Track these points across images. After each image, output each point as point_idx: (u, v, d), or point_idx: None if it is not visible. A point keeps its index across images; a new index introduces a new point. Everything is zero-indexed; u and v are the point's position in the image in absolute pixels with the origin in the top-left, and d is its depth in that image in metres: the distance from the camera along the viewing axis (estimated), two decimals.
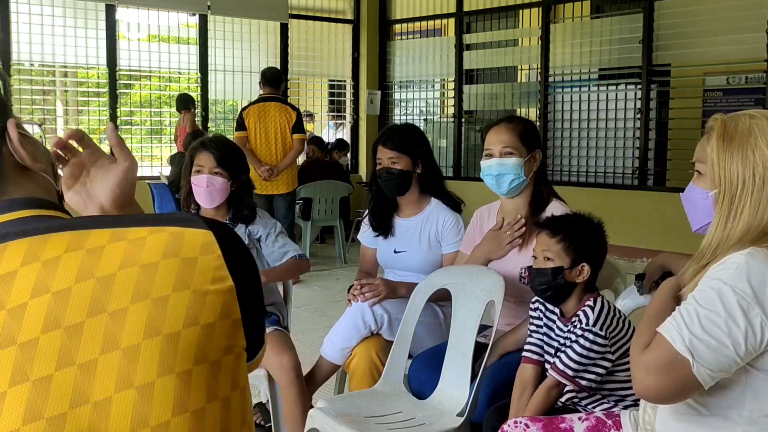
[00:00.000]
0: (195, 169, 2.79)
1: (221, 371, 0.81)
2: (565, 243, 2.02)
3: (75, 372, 0.76)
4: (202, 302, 0.81)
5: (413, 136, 2.92)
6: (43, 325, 0.77)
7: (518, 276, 2.48)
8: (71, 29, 7.71)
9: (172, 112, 8.53)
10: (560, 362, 1.96)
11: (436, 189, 2.92)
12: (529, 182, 2.52)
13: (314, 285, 6.46)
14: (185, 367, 0.78)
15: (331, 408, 2.31)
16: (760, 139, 1.45)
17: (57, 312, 0.78)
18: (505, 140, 2.49)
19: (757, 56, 6.48)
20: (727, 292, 1.36)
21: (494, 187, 2.53)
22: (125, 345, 0.77)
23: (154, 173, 8.33)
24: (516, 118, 2.68)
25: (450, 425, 2.24)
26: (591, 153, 7.68)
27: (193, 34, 8.62)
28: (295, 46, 9.22)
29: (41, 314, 0.77)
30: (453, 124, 9.05)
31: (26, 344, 0.76)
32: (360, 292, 2.69)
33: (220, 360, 0.81)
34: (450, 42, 8.99)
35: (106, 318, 0.78)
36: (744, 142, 1.46)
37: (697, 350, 1.35)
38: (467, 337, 2.39)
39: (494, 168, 2.48)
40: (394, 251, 2.94)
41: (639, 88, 7.30)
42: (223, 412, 0.81)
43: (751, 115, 1.50)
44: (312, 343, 4.56)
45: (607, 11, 7.72)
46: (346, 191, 7.59)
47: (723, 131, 1.49)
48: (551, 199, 2.55)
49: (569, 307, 2.05)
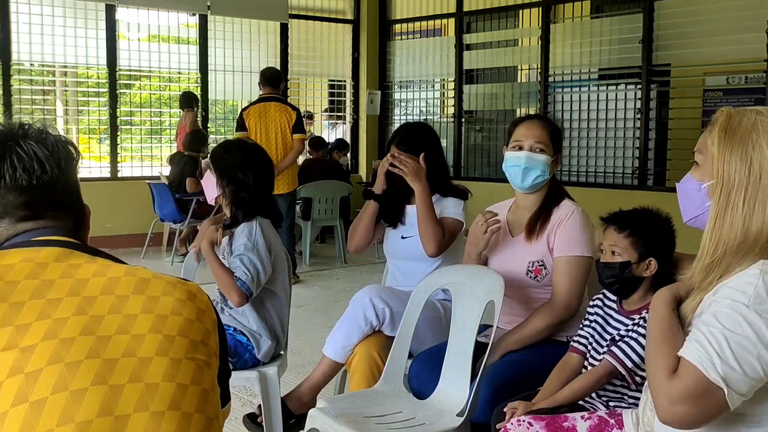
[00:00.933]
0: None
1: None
2: (632, 238, 2.03)
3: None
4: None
5: (426, 137, 3.02)
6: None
7: (525, 270, 2.50)
8: (71, 29, 7.71)
9: (172, 112, 8.53)
10: (621, 351, 1.96)
11: (441, 186, 2.99)
12: (546, 182, 2.54)
13: (314, 285, 6.46)
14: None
15: (331, 408, 2.31)
16: (762, 137, 1.42)
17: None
18: (538, 135, 2.51)
19: (757, 56, 6.47)
20: (751, 316, 1.32)
21: (517, 178, 2.52)
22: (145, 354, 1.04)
23: (154, 173, 8.33)
24: (547, 118, 2.73)
25: (450, 425, 2.24)
26: (591, 153, 7.68)
27: (193, 34, 8.61)
28: (295, 46, 9.22)
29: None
30: (453, 124, 9.04)
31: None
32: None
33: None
34: (450, 42, 8.99)
35: (129, 338, 1.04)
36: (746, 138, 1.43)
37: (731, 379, 1.30)
38: (467, 336, 2.39)
39: (523, 160, 2.49)
40: (402, 237, 2.99)
41: (639, 88, 7.30)
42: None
43: (758, 111, 1.47)
44: (312, 343, 4.56)
45: (607, 11, 7.71)
46: (346, 191, 7.59)
47: (726, 124, 1.47)
48: (564, 198, 2.56)
49: (633, 300, 2.07)
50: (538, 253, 2.49)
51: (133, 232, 7.70)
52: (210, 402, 1.05)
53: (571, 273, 2.41)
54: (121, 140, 8.16)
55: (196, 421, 1.00)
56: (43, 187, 1.16)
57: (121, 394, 0.95)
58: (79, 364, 0.96)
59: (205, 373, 1.06)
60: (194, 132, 7.68)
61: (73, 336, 0.98)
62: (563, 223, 2.46)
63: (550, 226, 2.49)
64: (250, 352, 2.72)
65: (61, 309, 1.01)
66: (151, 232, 7.55)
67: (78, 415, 0.92)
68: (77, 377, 0.94)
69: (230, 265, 2.71)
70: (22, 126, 1.18)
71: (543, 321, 2.42)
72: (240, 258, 2.68)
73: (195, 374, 1.04)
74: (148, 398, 0.97)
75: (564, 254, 2.43)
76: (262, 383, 2.67)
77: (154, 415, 0.96)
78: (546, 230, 2.48)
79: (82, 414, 0.92)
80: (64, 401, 0.93)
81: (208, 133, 8.46)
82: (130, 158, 8.46)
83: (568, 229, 2.45)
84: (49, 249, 1.11)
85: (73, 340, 0.97)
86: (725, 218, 1.43)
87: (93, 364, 0.96)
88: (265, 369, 2.71)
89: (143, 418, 0.95)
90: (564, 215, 2.48)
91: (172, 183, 7.28)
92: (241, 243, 2.71)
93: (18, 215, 1.16)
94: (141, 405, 0.96)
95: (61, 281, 1.05)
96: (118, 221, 7.60)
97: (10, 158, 1.14)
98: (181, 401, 0.99)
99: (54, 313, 1.00)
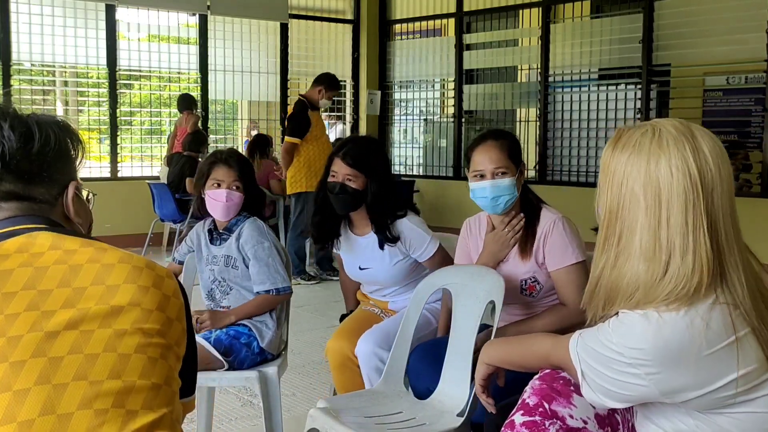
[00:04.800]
0: (212, 183, 2.82)
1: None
2: None
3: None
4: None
5: (374, 155, 2.84)
6: None
7: (519, 288, 2.48)
8: (71, 29, 7.71)
9: (172, 112, 8.53)
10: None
11: (389, 209, 2.82)
12: (517, 198, 2.51)
13: (314, 285, 6.46)
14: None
15: (331, 408, 2.31)
16: (642, 156, 1.37)
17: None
18: (495, 159, 2.43)
19: (757, 56, 6.47)
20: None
21: (489, 208, 2.48)
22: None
23: (154, 173, 8.33)
24: (500, 133, 2.58)
25: (450, 425, 2.24)
26: (591, 153, 7.68)
27: (193, 34, 8.61)
28: (295, 46, 9.22)
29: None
30: (453, 124, 9.04)
31: None
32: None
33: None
34: (450, 42, 8.99)
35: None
36: (636, 155, 1.38)
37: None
38: (467, 337, 2.39)
39: (489, 190, 2.43)
40: (359, 268, 2.95)
41: (639, 88, 7.30)
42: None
43: (651, 127, 1.40)
44: (312, 343, 4.56)
45: (607, 11, 7.71)
46: None
47: (615, 141, 1.43)
48: (541, 206, 2.54)
49: None
50: (529, 271, 2.48)
51: (133, 232, 7.70)
52: (161, 396, 1.04)
53: (574, 281, 2.40)
54: (120, 140, 8.16)
55: (142, 416, 1.00)
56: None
57: (65, 393, 0.96)
58: (24, 364, 0.96)
59: (157, 366, 1.05)
60: (194, 132, 7.68)
61: (21, 334, 0.98)
62: (549, 237, 2.43)
63: (536, 241, 2.46)
64: (248, 346, 2.71)
65: (14, 304, 1.01)
66: (151, 232, 7.54)
67: (20, 415, 0.93)
68: (21, 377, 0.95)
69: (256, 273, 2.76)
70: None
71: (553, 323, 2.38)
72: (266, 265, 2.75)
73: (145, 369, 1.03)
74: (92, 396, 0.97)
75: (560, 266, 2.42)
76: (262, 383, 2.67)
77: (98, 412, 0.96)
78: (534, 246, 2.46)
79: (24, 413, 0.93)
80: (6, 401, 0.93)
81: (208, 133, 8.47)
82: (130, 158, 8.46)
83: (555, 241, 2.42)
84: (15, 238, 1.10)
85: (20, 338, 0.98)
86: (612, 249, 1.41)
87: (37, 363, 0.97)
88: (265, 369, 2.71)
89: (86, 415, 0.95)
90: (547, 228, 2.44)
91: (172, 183, 7.28)
92: (251, 253, 2.78)
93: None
94: (84, 403, 0.96)
95: (20, 270, 1.05)
96: (118, 221, 7.60)
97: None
98: (126, 399, 0.99)
99: (6, 308, 1.00)
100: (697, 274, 1.32)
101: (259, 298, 2.78)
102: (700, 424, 1.40)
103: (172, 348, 1.10)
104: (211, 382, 2.72)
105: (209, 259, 2.87)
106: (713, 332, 1.31)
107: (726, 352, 1.32)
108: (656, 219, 1.34)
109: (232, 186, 2.81)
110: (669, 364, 1.32)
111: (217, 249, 2.85)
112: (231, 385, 3.59)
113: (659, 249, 1.34)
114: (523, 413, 1.61)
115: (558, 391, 1.61)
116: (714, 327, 1.31)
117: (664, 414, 1.45)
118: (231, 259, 2.82)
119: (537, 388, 1.64)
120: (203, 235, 2.92)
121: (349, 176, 2.76)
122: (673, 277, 1.33)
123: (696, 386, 1.33)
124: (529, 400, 1.63)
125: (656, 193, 1.35)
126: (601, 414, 1.62)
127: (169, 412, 1.04)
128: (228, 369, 2.64)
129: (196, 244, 2.93)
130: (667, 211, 1.34)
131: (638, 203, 1.37)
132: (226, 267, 2.82)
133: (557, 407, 1.59)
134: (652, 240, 1.35)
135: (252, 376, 2.67)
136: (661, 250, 1.34)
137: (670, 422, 1.44)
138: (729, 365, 1.32)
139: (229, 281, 2.82)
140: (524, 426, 1.58)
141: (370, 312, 2.98)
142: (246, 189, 2.85)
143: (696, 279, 1.32)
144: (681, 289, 1.32)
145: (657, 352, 1.32)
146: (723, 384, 1.33)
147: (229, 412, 3.51)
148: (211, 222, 2.91)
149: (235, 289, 2.82)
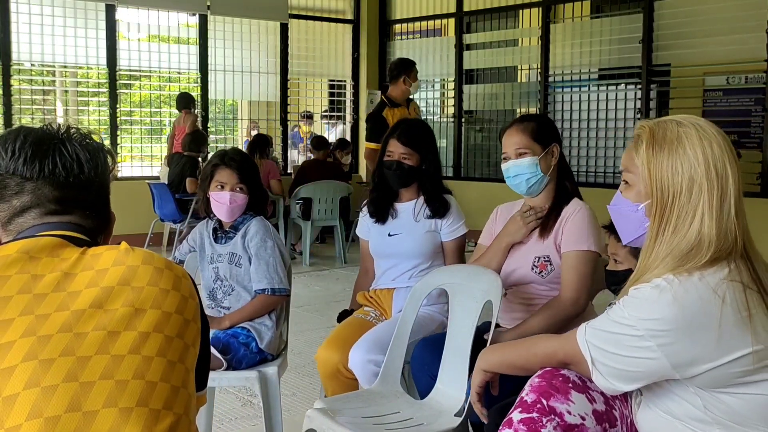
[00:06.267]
0: (216, 185, 2.83)
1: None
2: (630, 247, 2.03)
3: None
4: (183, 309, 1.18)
5: (426, 135, 3.02)
6: None
7: (531, 264, 2.50)
8: (71, 29, 7.71)
9: (172, 112, 8.53)
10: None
11: (439, 185, 2.99)
12: (551, 179, 2.54)
13: (314, 285, 6.46)
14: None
15: (329, 408, 2.31)
16: (688, 149, 1.44)
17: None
18: (516, 142, 2.52)
19: (757, 56, 6.47)
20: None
21: (516, 188, 2.57)
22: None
23: (154, 173, 8.33)
24: (529, 117, 2.71)
25: (448, 425, 2.24)
26: (591, 153, 7.68)
27: (193, 34, 8.62)
28: (295, 46, 9.22)
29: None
30: (453, 124, 9.04)
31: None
32: None
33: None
34: (450, 42, 8.99)
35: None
36: (673, 152, 1.45)
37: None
38: (464, 336, 2.39)
39: (510, 170, 2.53)
40: (389, 234, 2.98)
41: (639, 88, 7.30)
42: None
43: (678, 122, 1.49)
44: (312, 343, 4.55)
45: (607, 11, 7.71)
46: (346, 191, 7.59)
47: (652, 141, 1.48)
48: (573, 197, 2.56)
49: None
50: (545, 249, 2.51)
51: (133, 232, 7.69)
52: (179, 398, 1.09)
53: (579, 268, 2.42)
54: (120, 140, 8.16)
55: (163, 417, 1.04)
56: (77, 185, 1.25)
57: (91, 391, 1.00)
58: (53, 362, 1.00)
59: (176, 369, 1.10)
60: (194, 132, 7.68)
61: (51, 333, 1.03)
62: (570, 219, 2.48)
63: (558, 222, 2.50)
64: (246, 346, 2.71)
65: (44, 305, 1.06)
66: (151, 232, 7.55)
67: (47, 411, 0.96)
68: (49, 374, 0.99)
69: (255, 271, 2.77)
70: (68, 129, 1.29)
71: (549, 317, 2.40)
72: (266, 264, 2.77)
73: (165, 371, 1.08)
74: (117, 394, 1.01)
75: (572, 249, 2.44)
76: (262, 383, 2.67)
77: (123, 410, 1.00)
78: (555, 227, 2.50)
79: (51, 409, 0.96)
80: (34, 397, 0.97)
81: (208, 133, 8.47)
82: (130, 158, 8.46)
83: (576, 224, 2.46)
84: (45, 239, 1.16)
85: (50, 337, 1.02)
86: (660, 236, 1.46)
87: (66, 362, 1.01)
88: (265, 369, 2.70)
89: (111, 413, 0.99)
90: (572, 212, 2.50)
91: (172, 183, 7.28)
92: (261, 242, 2.80)
93: (49, 208, 1.23)
94: (110, 401, 1.00)
95: (50, 276, 1.10)
96: (118, 221, 7.38)
97: (53, 155, 1.23)
98: (149, 398, 1.04)
99: (37, 309, 1.05)
100: (731, 236, 1.42)
101: (255, 300, 2.78)
102: (708, 404, 1.43)
103: (189, 348, 1.15)
104: (211, 382, 2.70)
105: (213, 257, 2.87)
106: (728, 305, 1.37)
107: (740, 325, 1.37)
108: (719, 199, 1.43)
109: (235, 188, 2.82)
110: (685, 330, 1.37)
111: (222, 247, 2.86)
112: (231, 385, 3.60)
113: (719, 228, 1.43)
114: (521, 410, 1.62)
115: (556, 388, 1.62)
116: (728, 300, 1.37)
117: (671, 396, 1.48)
118: (236, 256, 2.82)
119: (536, 385, 1.65)
120: (207, 234, 2.92)
121: (404, 154, 2.92)
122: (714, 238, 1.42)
123: (709, 358, 1.37)
124: (527, 397, 1.64)
125: (715, 173, 1.44)
126: (599, 410, 1.63)
127: (186, 414, 1.09)
128: (226, 368, 2.65)
129: (198, 244, 2.93)
130: (722, 189, 1.44)
131: (701, 186, 1.44)
132: (230, 265, 2.83)
133: (555, 403, 1.60)
134: (716, 215, 1.43)
135: (252, 376, 2.67)
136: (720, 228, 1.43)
137: (677, 404, 1.47)
138: (743, 339, 1.37)
139: (231, 280, 2.83)
140: (522, 423, 1.59)
141: (363, 319, 2.97)
142: (250, 189, 2.86)
143: (731, 239, 1.42)
144: (723, 245, 1.41)
145: (673, 319, 1.37)
146: (737, 357, 1.37)
147: (229, 412, 3.51)
148: (216, 221, 2.92)
149: (237, 289, 2.82)
